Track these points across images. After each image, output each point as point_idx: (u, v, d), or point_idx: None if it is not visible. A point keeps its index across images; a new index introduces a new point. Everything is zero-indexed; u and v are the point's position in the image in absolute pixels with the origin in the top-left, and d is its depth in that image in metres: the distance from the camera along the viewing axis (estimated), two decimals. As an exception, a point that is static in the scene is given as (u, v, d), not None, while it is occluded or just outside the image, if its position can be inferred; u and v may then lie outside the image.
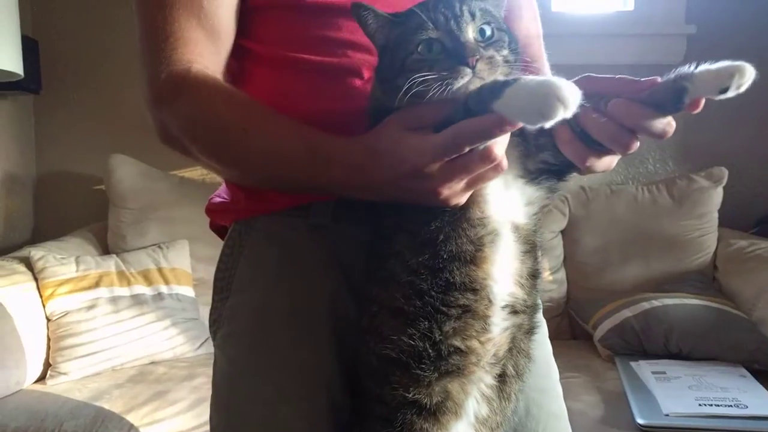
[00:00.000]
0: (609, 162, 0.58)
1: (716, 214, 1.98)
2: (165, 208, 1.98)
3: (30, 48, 1.99)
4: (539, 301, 0.63)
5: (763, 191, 2.16)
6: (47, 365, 1.60)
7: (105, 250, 1.97)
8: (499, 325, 0.58)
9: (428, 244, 0.56)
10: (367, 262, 0.63)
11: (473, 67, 0.53)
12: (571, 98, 0.45)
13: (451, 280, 0.56)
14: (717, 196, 1.97)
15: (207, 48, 0.67)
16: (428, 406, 0.57)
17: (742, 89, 0.50)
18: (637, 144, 0.54)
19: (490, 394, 0.60)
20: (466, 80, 0.53)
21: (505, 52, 0.56)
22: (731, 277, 1.86)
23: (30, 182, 2.26)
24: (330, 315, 0.66)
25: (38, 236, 2.21)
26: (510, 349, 0.60)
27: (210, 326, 0.77)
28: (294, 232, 0.71)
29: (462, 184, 0.54)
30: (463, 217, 0.56)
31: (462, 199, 0.55)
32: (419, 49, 0.55)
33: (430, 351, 0.56)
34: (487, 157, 0.51)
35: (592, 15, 2.26)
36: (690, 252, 1.94)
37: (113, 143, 2.09)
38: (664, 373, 1.49)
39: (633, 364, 1.57)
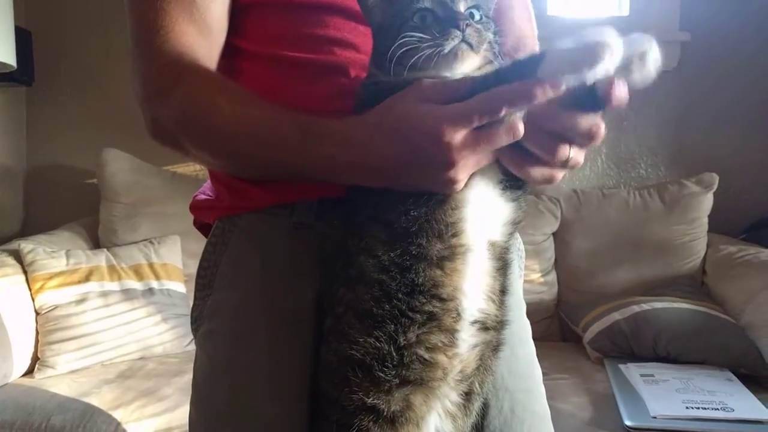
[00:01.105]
0: (548, 174, 0.56)
1: (706, 220, 2.00)
2: (157, 203, 1.98)
3: (23, 39, 1.97)
4: (508, 317, 0.62)
5: (752, 198, 2.18)
6: (35, 359, 1.59)
7: (96, 244, 1.96)
8: (468, 341, 0.58)
9: (401, 238, 0.55)
10: (334, 261, 0.62)
11: (463, 31, 0.54)
12: (613, 42, 0.46)
13: (417, 282, 0.55)
14: (707, 201, 1.99)
15: (198, 42, 0.67)
16: (386, 414, 0.56)
17: (649, 64, 0.48)
18: (566, 151, 0.53)
19: (455, 411, 0.60)
20: (456, 42, 0.54)
21: (491, 35, 0.58)
22: (720, 282, 1.87)
23: (21, 174, 2.24)
24: (311, 314, 0.65)
25: (28, 229, 2.19)
26: (478, 367, 0.60)
27: (191, 323, 0.76)
28: (277, 230, 0.70)
29: (474, 159, 0.53)
30: (439, 207, 0.55)
31: (464, 181, 0.54)
32: (414, 19, 0.57)
33: (394, 355, 0.55)
34: (514, 130, 0.50)
35: (587, 19, 2.27)
36: (680, 256, 1.95)
37: (106, 137, 2.08)
38: (653, 375, 1.50)
39: (622, 366, 1.58)
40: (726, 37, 2.18)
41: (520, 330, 0.75)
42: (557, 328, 1.98)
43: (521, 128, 0.51)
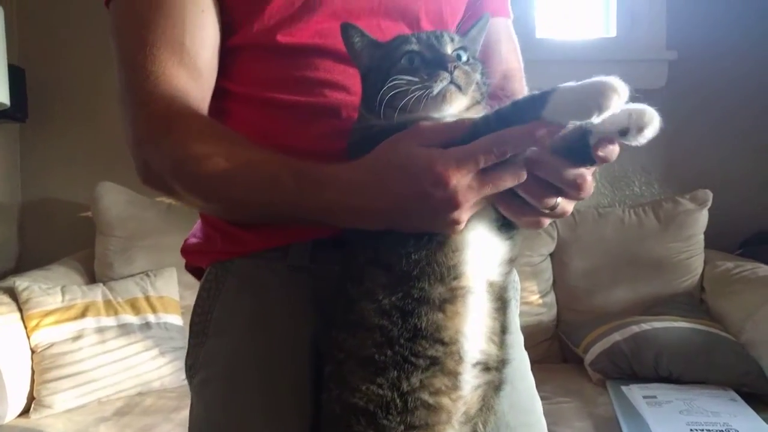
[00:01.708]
0: (533, 219, 0.56)
1: (702, 236, 2.00)
2: (153, 235, 1.97)
3: (17, 76, 1.98)
4: (509, 356, 0.62)
5: (746, 212, 2.19)
6: (31, 398, 1.56)
7: (91, 278, 1.95)
8: (471, 382, 0.57)
9: (402, 281, 0.55)
10: (332, 306, 0.61)
11: (452, 72, 0.55)
12: (620, 86, 0.46)
13: (419, 326, 0.54)
14: (702, 218, 2.00)
15: (189, 85, 0.67)
16: None
17: (646, 134, 0.49)
18: (553, 201, 0.52)
19: None
20: (445, 84, 0.55)
21: (479, 76, 0.58)
22: (718, 299, 1.87)
23: (15, 210, 2.23)
24: (308, 359, 0.65)
25: (23, 264, 2.18)
26: (481, 407, 0.60)
27: (186, 371, 0.74)
28: (272, 275, 0.70)
29: (478, 201, 0.53)
30: (440, 250, 0.55)
31: (465, 222, 0.54)
32: (402, 61, 0.57)
33: (398, 401, 0.55)
34: (519, 173, 0.51)
35: (575, 41, 2.30)
36: (677, 274, 1.95)
37: (100, 171, 2.08)
38: (655, 397, 1.49)
39: (624, 388, 1.57)
40: (713, 54, 2.21)
41: (520, 364, 0.75)
42: (557, 350, 1.97)
43: (525, 172, 0.51)
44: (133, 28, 0.67)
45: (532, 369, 0.78)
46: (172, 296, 1.86)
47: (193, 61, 0.67)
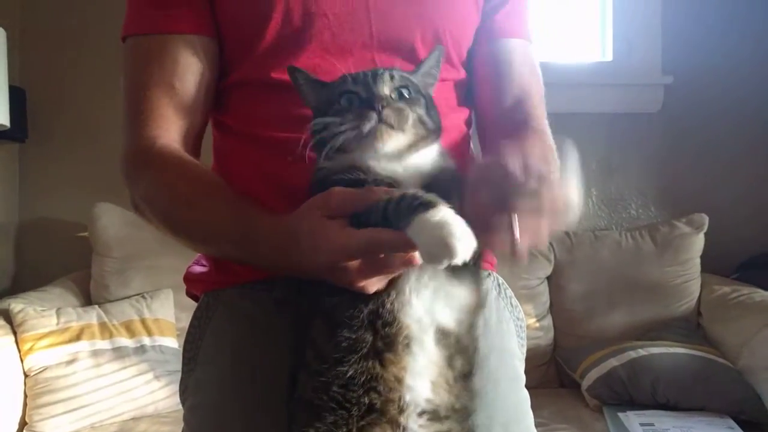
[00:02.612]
0: (505, 243, 0.53)
1: (698, 260, 2.00)
2: (149, 257, 1.96)
3: (17, 97, 1.99)
4: (474, 404, 0.60)
5: (742, 236, 2.19)
6: (23, 424, 1.55)
7: (87, 299, 1.94)
8: None
9: (335, 328, 0.55)
10: (295, 348, 0.62)
11: (380, 112, 0.56)
12: (460, 248, 0.45)
13: (350, 374, 0.54)
14: (699, 242, 2.00)
15: (176, 124, 0.73)
16: None
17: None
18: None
19: None
20: (373, 123, 0.56)
21: (421, 111, 0.59)
22: (715, 324, 1.87)
23: (12, 230, 2.23)
24: (289, 391, 0.65)
25: (19, 283, 2.17)
26: None
27: (180, 395, 0.78)
28: (259, 307, 0.72)
29: (380, 276, 0.54)
30: (358, 296, 0.55)
31: (381, 285, 0.55)
32: (341, 101, 0.59)
33: None
34: (409, 262, 0.52)
35: (572, 65, 2.32)
36: (674, 298, 1.95)
37: (97, 191, 2.07)
38: (653, 425, 1.48)
39: (621, 415, 1.56)
40: (708, 79, 2.23)
41: (518, 405, 0.74)
42: (554, 374, 1.96)
43: (418, 260, 0.51)
44: (134, 68, 0.74)
45: (528, 393, 0.76)
46: (168, 318, 1.85)
47: (182, 100, 0.73)
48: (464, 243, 0.46)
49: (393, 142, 0.57)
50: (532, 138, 0.71)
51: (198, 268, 0.81)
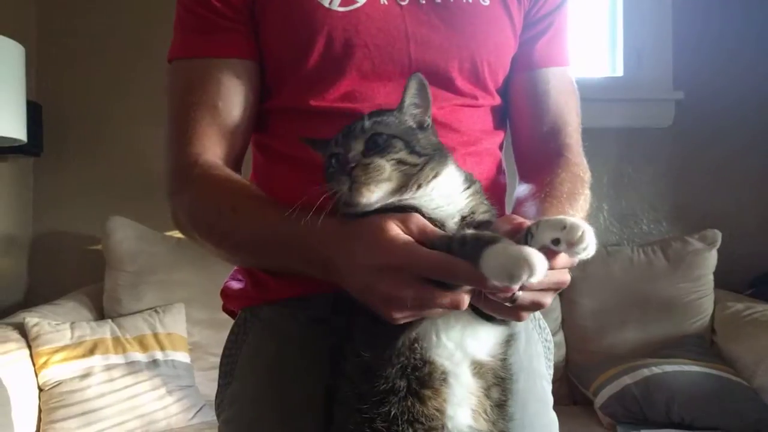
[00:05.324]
0: (507, 311, 0.56)
1: (711, 277, 1.99)
2: (162, 271, 1.97)
3: (33, 112, 2.02)
4: (508, 427, 0.62)
5: (755, 252, 2.18)
6: (37, 438, 1.56)
7: (100, 313, 1.95)
8: None
9: (368, 373, 0.57)
10: (330, 377, 0.63)
11: (350, 174, 0.57)
12: (537, 263, 0.48)
13: (394, 412, 0.56)
14: (711, 258, 1.99)
15: (218, 143, 0.75)
16: None
17: (580, 249, 0.51)
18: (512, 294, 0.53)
19: None
20: (346, 186, 0.57)
21: (399, 154, 0.59)
22: (730, 342, 1.85)
23: (26, 243, 2.25)
24: (323, 410, 0.66)
25: (32, 297, 2.18)
26: None
27: (216, 408, 0.80)
28: (294, 324, 0.73)
29: (414, 310, 0.54)
30: (394, 350, 0.56)
31: (401, 320, 0.55)
32: (331, 162, 0.61)
33: None
34: (457, 304, 0.53)
35: (581, 80, 2.30)
36: (687, 315, 1.94)
37: (111, 205, 2.10)
38: (668, 445, 1.47)
39: (635, 434, 1.55)
40: (719, 94, 2.23)
41: (549, 427, 0.75)
42: (567, 391, 1.94)
43: (466, 302, 0.53)
44: (179, 90, 0.77)
45: None
46: (180, 333, 1.86)
47: (225, 121, 0.75)
48: (540, 260, 0.48)
49: (375, 193, 0.58)
50: (563, 173, 0.74)
51: (235, 284, 0.82)
